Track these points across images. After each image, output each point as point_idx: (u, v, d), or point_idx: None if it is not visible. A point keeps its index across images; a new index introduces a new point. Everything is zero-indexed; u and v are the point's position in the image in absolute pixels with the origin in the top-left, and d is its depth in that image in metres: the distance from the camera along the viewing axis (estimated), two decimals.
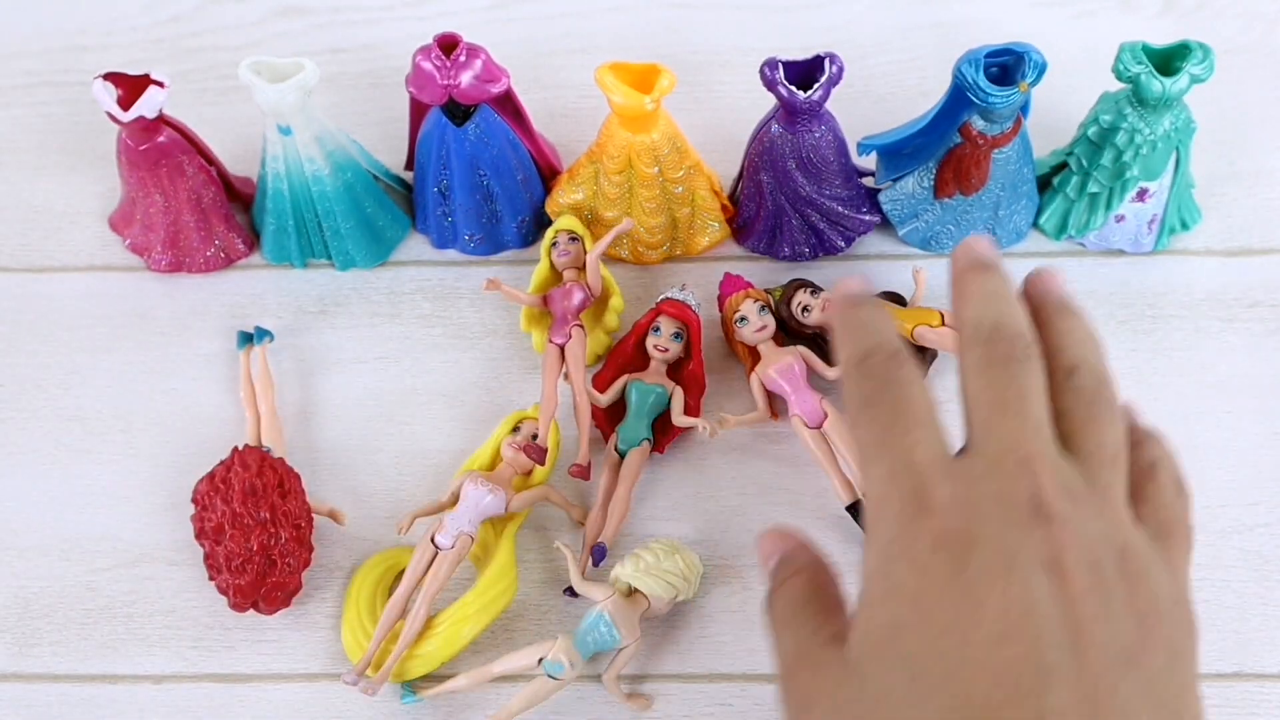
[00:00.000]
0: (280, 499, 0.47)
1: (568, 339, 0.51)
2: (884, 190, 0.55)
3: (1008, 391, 0.34)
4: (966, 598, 0.31)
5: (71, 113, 0.62)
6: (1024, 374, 0.35)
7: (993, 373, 0.35)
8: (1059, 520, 0.32)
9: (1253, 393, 0.52)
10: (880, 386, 0.35)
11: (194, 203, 0.54)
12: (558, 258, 0.52)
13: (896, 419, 0.34)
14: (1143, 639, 0.32)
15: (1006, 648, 0.30)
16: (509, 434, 0.49)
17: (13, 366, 0.54)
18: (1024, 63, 0.48)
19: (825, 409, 0.49)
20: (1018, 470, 0.33)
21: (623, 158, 0.51)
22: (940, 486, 0.33)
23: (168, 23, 0.65)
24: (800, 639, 0.35)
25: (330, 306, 0.56)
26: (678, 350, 0.51)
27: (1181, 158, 0.52)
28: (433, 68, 0.49)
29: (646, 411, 0.50)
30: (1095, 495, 0.33)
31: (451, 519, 0.47)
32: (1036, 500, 0.32)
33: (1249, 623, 0.47)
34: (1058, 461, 0.33)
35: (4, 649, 0.48)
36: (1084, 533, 0.32)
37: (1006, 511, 0.32)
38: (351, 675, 0.45)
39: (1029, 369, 0.35)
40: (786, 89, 0.49)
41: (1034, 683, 0.30)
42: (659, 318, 0.51)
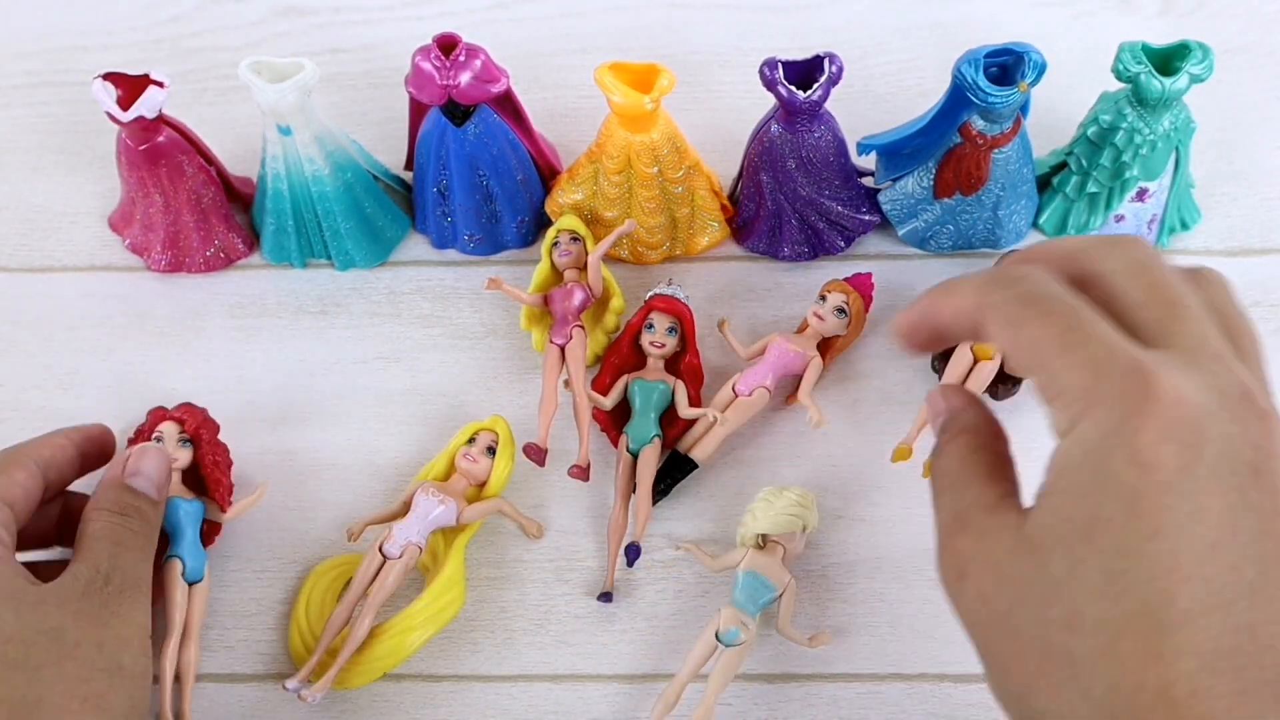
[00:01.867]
0: None
1: (568, 340, 0.51)
2: (884, 190, 0.55)
3: (1172, 291, 0.33)
4: (1188, 501, 0.30)
5: (71, 113, 0.62)
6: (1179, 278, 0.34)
7: (1151, 265, 0.34)
8: (1270, 419, 0.32)
9: None
10: (1040, 289, 0.33)
11: (194, 203, 0.54)
12: (559, 257, 0.52)
13: (1078, 311, 0.32)
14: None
15: (1216, 559, 0.30)
16: (464, 445, 0.49)
17: (13, 366, 0.54)
18: (1024, 63, 0.48)
19: (758, 394, 0.50)
20: (1218, 364, 0.32)
21: (622, 158, 0.51)
22: (1162, 372, 0.31)
23: (168, 23, 0.65)
24: (962, 503, 0.34)
25: (330, 306, 0.56)
26: (673, 345, 0.51)
27: (1181, 158, 0.52)
28: (432, 68, 0.49)
29: (652, 408, 0.50)
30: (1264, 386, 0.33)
31: (400, 529, 0.47)
32: (1247, 395, 0.32)
33: None
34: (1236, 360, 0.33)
35: None
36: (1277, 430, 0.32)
37: (1225, 405, 0.31)
38: (294, 682, 0.45)
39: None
40: (786, 89, 0.49)
41: (1235, 597, 0.30)
42: (651, 314, 0.51)
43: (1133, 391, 0.31)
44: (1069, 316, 0.32)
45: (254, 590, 0.49)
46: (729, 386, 0.51)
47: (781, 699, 0.46)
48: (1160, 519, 0.30)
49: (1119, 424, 0.31)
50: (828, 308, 0.51)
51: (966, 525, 0.34)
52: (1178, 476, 0.30)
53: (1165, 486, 0.30)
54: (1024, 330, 0.33)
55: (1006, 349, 0.34)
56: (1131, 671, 0.30)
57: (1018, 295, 0.33)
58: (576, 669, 0.47)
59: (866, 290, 0.52)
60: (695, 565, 0.49)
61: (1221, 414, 0.31)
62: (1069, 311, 0.33)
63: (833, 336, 0.52)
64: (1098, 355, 0.32)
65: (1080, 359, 0.32)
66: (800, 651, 0.47)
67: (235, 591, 0.49)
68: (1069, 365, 0.32)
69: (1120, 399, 0.31)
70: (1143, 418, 0.30)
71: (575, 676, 0.47)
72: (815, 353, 0.51)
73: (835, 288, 0.52)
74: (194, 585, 0.46)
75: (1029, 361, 0.33)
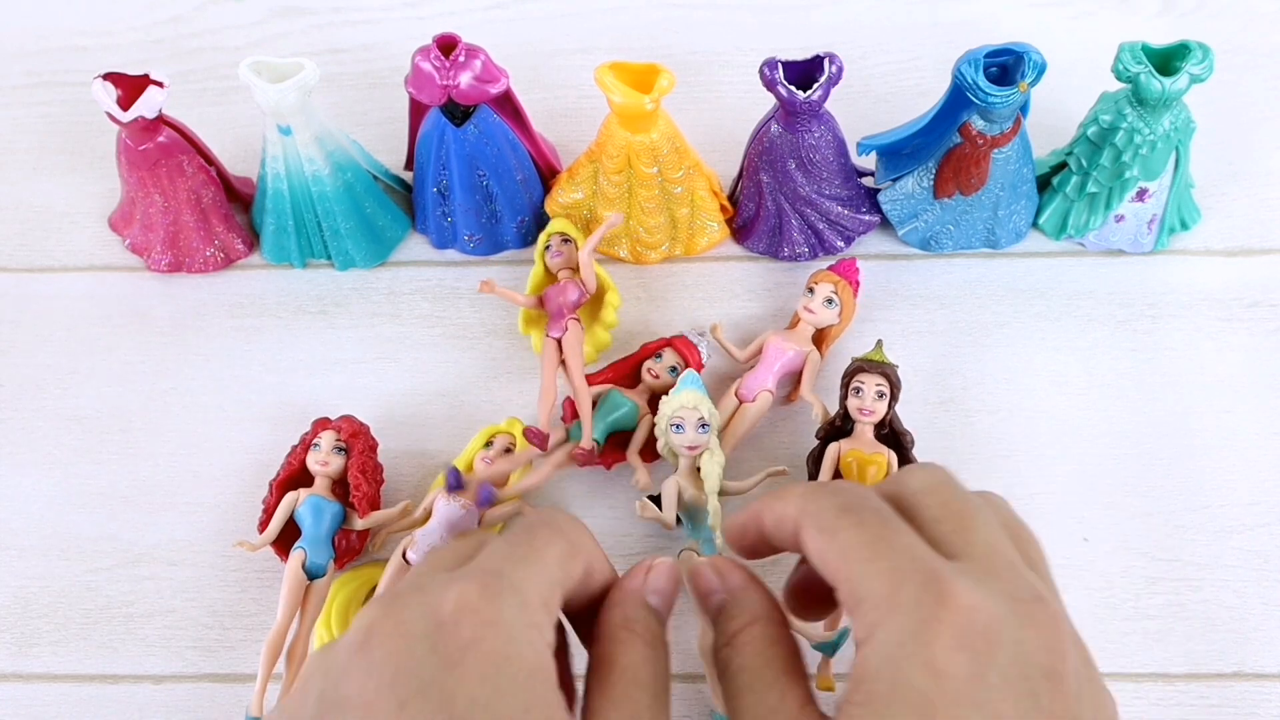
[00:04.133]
0: None
1: (564, 332, 0.51)
2: (884, 190, 0.55)
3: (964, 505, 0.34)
4: (979, 710, 0.31)
5: (71, 113, 0.62)
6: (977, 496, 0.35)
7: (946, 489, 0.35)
8: (1058, 623, 0.32)
9: (1253, 393, 0.52)
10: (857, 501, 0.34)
11: (193, 203, 0.54)
12: (551, 259, 0.52)
13: (886, 521, 0.34)
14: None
15: None
16: (482, 448, 0.49)
17: (13, 366, 0.54)
18: (1023, 63, 0.48)
19: (760, 397, 0.50)
20: (1010, 571, 0.33)
21: (622, 157, 0.51)
22: (956, 581, 0.32)
23: (168, 23, 0.65)
24: (764, 708, 0.34)
25: (330, 306, 0.56)
26: (669, 382, 0.51)
27: (1181, 158, 0.52)
28: (432, 68, 0.49)
29: (609, 421, 0.50)
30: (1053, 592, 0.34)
31: (423, 535, 0.47)
32: (1038, 599, 0.32)
33: (1249, 623, 0.47)
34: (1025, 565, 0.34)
35: (4, 649, 0.48)
36: (1069, 634, 0.32)
37: (1017, 611, 0.32)
38: None
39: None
40: (786, 89, 0.49)
41: None
42: (666, 348, 0.51)
43: (928, 600, 0.31)
44: (879, 527, 0.33)
45: (254, 590, 0.49)
46: (731, 392, 0.51)
47: None
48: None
49: (914, 632, 0.31)
50: (817, 299, 0.51)
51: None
52: (970, 685, 0.31)
53: (958, 696, 0.31)
54: (837, 537, 0.33)
55: (818, 555, 0.34)
56: None
57: (836, 504, 0.34)
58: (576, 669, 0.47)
59: (853, 276, 0.52)
60: None
61: (1013, 620, 0.31)
62: (879, 522, 0.33)
63: (826, 327, 0.52)
64: (899, 564, 0.32)
65: (883, 567, 0.32)
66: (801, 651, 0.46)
67: (235, 591, 0.49)
68: (872, 573, 0.32)
69: (916, 607, 0.31)
70: (937, 625, 0.31)
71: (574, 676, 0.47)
72: (811, 347, 0.51)
73: (822, 278, 0.52)
74: (314, 582, 0.47)
75: (836, 568, 0.33)
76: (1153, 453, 0.51)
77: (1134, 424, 0.51)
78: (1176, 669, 0.46)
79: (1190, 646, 0.47)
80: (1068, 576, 0.48)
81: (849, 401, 0.48)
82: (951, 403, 0.52)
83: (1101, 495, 0.50)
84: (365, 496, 0.47)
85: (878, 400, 0.47)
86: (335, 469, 0.48)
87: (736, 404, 0.51)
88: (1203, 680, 0.46)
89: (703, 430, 0.47)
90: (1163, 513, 0.49)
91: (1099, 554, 0.48)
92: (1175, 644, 0.47)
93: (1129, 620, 0.47)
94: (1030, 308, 0.54)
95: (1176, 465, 0.50)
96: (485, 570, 0.33)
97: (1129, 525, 0.49)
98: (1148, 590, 0.48)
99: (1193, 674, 0.46)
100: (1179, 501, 0.49)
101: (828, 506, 0.34)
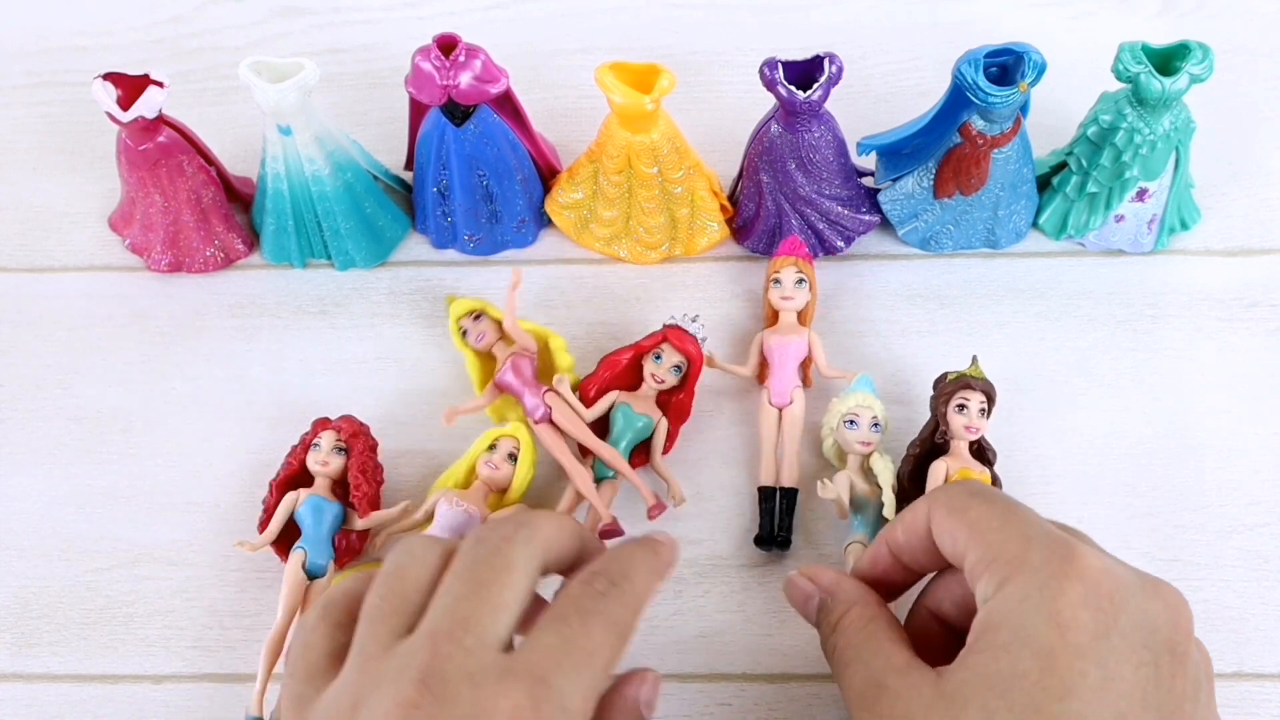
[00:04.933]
0: None
1: (547, 410, 0.49)
2: (884, 190, 0.54)
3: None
4: (1100, 668, 0.32)
5: (71, 113, 0.62)
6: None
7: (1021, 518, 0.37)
8: (1186, 608, 0.34)
9: (1253, 393, 0.52)
10: (985, 488, 0.38)
11: (194, 203, 0.54)
12: (477, 343, 0.51)
13: (1015, 502, 0.37)
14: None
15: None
16: (485, 452, 0.49)
17: (13, 366, 0.54)
18: (1023, 63, 0.48)
19: (794, 396, 0.50)
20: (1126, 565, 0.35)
21: (622, 158, 0.51)
22: (1084, 550, 0.34)
23: (168, 23, 0.65)
24: (872, 670, 0.35)
25: (330, 306, 0.56)
26: (674, 383, 0.50)
27: (1181, 158, 0.52)
28: (432, 68, 0.49)
29: (630, 437, 0.49)
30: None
31: None
32: (1166, 585, 0.35)
33: (1249, 623, 0.47)
34: None
35: (4, 649, 0.48)
36: (1192, 622, 0.35)
37: (1143, 584, 0.34)
38: None
39: None
40: (786, 89, 0.49)
41: None
42: (663, 345, 0.50)
43: (1058, 559, 0.33)
44: (1008, 503, 0.36)
45: (254, 590, 0.49)
46: (764, 406, 0.50)
47: (782, 699, 0.46)
48: (1072, 681, 0.31)
49: (1042, 586, 0.33)
50: (788, 285, 0.51)
51: (883, 689, 0.35)
52: (1093, 640, 0.32)
53: (1080, 649, 0.32)
54: (968, 513, 0.36)
55: (949, 533, 0.36)
56: None
57: (965, 490, 0.37)
58: None
59: (803, 251, 0.52)
60: (694, 564, 0.49)
61: (1141, 591, 0.33)
62: (1009, 501, 0.36)
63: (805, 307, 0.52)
64: (1030, 531, 0.34)
65: (1014, 533, 0.34)
66: (801, 651, 0.47)
67: (235, 591, 0.49)
68: (1003, 539, 0.34)
69: (1046, 564, 0.33)
70: (1065, 582, 0.33)
71: None
72: (807, 329, 0.51)
73: (784, 265, 0.51)
74: (314, 582, 0.47)
75: (967, 538, 0.36)
76: (1153, 453, 0.51)
77: (1134, 424, 0.51)
78: None
79: None
80: None
81: (954, 418, 0.47)
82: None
83: (1101, 495, 0.50)
84: (365, 496, 0.47)
85: (981, 417, 0.47)
86: (335, 469, 0.48)
87: (776, 413, 0.50)
88: None
89: (875, 429, 0.48)
90: (1163, 513, 0.49)
91: None
92: None
93: None
94: (1030, 308, 0.54)
95: (1176, 465, 0.50)
96: (535, 678, 0.32)
97: (1129, 525, 0.49)
98: None
99: None
100: (1179, 501, 0.49)
101: (957, 492, 0.37)
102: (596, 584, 0.36)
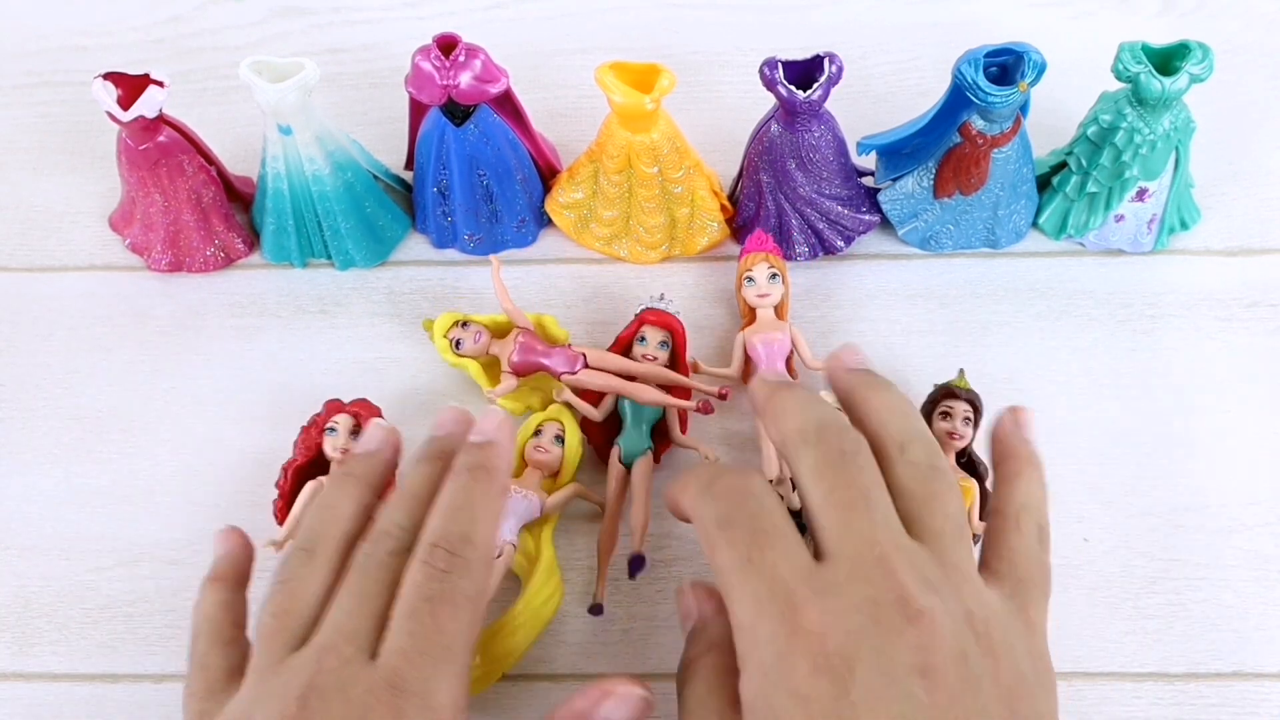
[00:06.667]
0: None
1: (582, 356, 0.50)
2: (884, 190, 0.55)
3: (850, 491, 0.35)
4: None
5: (71, 113, 0.62)
6: (858, 467, 0.35)
7: (830, 473, 0.35)
8: (926, 617, 0.32)
9: (1253, 393, 0.52)
10: (735, 509, 0.35)
11: (194, 202, 0.54)
12: (475, 348, 0.50)
13: (755, 536, 0.34)
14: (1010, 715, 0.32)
15: None
16: (531, 437, 0.49)
17: (13, 366, 0.54)
18: (1023, 63, 0.48)
19: None
20: (878, 570, 0.33)
21: (622, 157, 0.51)
22: (809, 604, 0.33)
23: (168, 23, 0.65)
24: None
25: (330, 306, 0.56)
26: (665, 358, 0.50)
27: (1181, 157, 0.52)
28: (432, 68, 0.49)
29: (645, 420, 0.50)
30: (950, 575, 0.34)
31: None
32: (902, 599, 0.32)
33: (1249, 622, 0.47)
34: (912, 551, 0.34)
35: (4, 648, 0.48)
36: (948, 624, 0.32)
37: (877, 618, 0.32)
38: None
39: (862, 460, 0.35)
40: (786, 89, 0.49)
41: None
42: (644, 327, 0.50)
43: (782, 632, 0.32)
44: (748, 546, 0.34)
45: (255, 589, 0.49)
46: None
47: None
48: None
49: (775, 664, 0.32)
50: (762, 281, 0.51)
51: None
52: (836, 704, 0.31)
53: (828, 715, 0.31)
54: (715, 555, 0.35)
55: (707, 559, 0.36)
56: None
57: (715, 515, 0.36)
58: (577, 669, 0.47)
59: (771, 245, 0.52)
60: (694, 565, 0.49)
61: (873, 630, 0.32)
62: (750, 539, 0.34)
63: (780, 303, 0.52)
64: (760, 590, 0.33)
65: (748, 593, 0.34)
66: None
67: None
68: (739, 599, 0.34)
69: (773, 640, 0.33)
70: (793, 656, 0.32)
71: (575, 676, 0.47)
72: (788, 323, 0.51)
73: (755, 261, 0.51)
74: None
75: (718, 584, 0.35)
76: (1153, 453, 0.51)
77: (1134, 424, 0.51)
78: (1176, 669, 0.46)
79: (1190, 646, 0.47)
80: (1067, 576, 0.48)
81: (938, 424, 0.47)
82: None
83: (1101, 495, 0.50)
84: None
85: (966, 425, 0.47)
86: None
87: None
88: (1202, 680, 0.46)
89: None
90: (1163, 513, 0.49)
91: (1099, 554, 0.49)
92: (1175, 644, 0.47)
93: (1129, 620, 0.47)
94: (1030, 308, 0.54)
95: (1176, 465, 0.50)
96: (396, 686, 0.34)
97: (1129, 525, 0.49)
98: (1147, 590, 0.48)
99: (1192, 673, 0.46)
100: (1179, 501, 0.50)
101: (709, 517, 0.36)
102: (437, 561, 0.37)
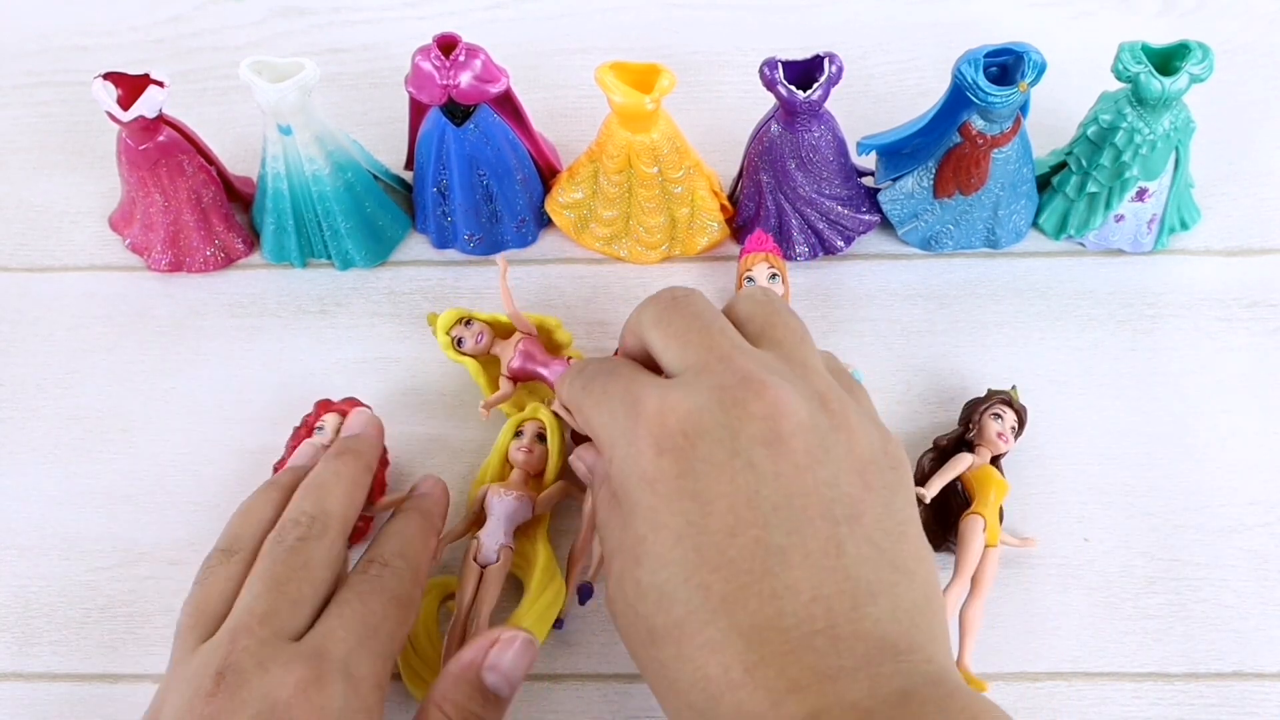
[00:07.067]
0: None
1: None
2: (884, 190, 0.55)
3: (686, 320, 0.37)
4: (695, 500, 0.33)
5: (71, 113, 0.62)
6: (692, 303, 0.37)
7: (666, 315, 0.37)
8: (772, 391, 0.33)
9: (1253, 393, 0.52)
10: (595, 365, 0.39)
11: (194, 202, 0.54)
12: (476, 348, 0.50)
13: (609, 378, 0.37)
14: (864, 489, 0.33)
15: (738, 539, 0.32)
16: (512, 439, 0.49)
17: (13, 366, 0.54)
18: (1023, 63, 0.48)
19: None
20: (721, 364, 0.35)
21: (622, 157, 0.51)
22: (652, 396, 0.35)
23: (168, 23, 0.65)
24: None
25: (330, 306, 0.56)
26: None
27: (1181, 157, 0.52)
28: (432, 68, 0.49)
29: None
30: (797, 369, 0.36)
31: (487, 535, 0.46)
32: (746, 379, 0.34)
33: (1249, 622, 0.47)
34: (756, 352, 0.36)
35: (4, 648, 0.48)
36: (797, 400, 0.34)
37: (721, 399, 0.33)
38: None
39: (695, 299, 0.38)
40: (786, 89, 0.49)
41: (766, 565, 0.31)
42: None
43: (630, 420, 0.34)
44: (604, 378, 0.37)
45: None
46: None
47: None
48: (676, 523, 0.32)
49: (626, 452, 0.34)
50: (763, 280, 0.51)
51: None
52: (679, 481, 0.33)
53: (670, 493, 0.33)
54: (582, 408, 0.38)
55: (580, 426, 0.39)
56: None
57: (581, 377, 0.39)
58: (577, 669, 0.47)
59: (770, 245, 0.52)
60: None
61: (717, 408, 0.33)
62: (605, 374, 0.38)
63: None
64: (613, 395, 0.36)
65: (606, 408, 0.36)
66: None
67: None
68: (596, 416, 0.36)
69: (625, 430, 0.34)
70: (638, 440, 0.34)
71: (576, 676, 0.47)
72: None
73: (755, 261, 0.51)
74: None
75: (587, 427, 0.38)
76: (1153, 452, 0.51)
77: (1134, 424, 0.51)
78: (1176, 669, 0.46)
79: (1189, 646, 0.47)
80: (1067, 576, 0.48)
81: (990, 424, 0.48)
82: (952, 403, 0.52)
83: (1101, 495, 0.50)
84: (374, 479, 0.47)
85: (1011, 433, 0.48)
86: None
87: None
88: (1202, 680, 0.46)
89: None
90: (1163, 513, 0.49)
91: (1099, 554, 0.49)
92: (1174, 644, 0.47)
93: (1129, 620, 0.47)
94: (1030, 308, 0.54)
95: (1176, 465, 0.50)
96: (319, 654, 0.36)
97: (1129, 525, 0.49)
98: (1147, 590, 0.48)
99: (1192, 674, 0.46)
100: (1179, 501, 0.50)
101: (577, 386, 0.39)
102: (370, 570, 0.39)
